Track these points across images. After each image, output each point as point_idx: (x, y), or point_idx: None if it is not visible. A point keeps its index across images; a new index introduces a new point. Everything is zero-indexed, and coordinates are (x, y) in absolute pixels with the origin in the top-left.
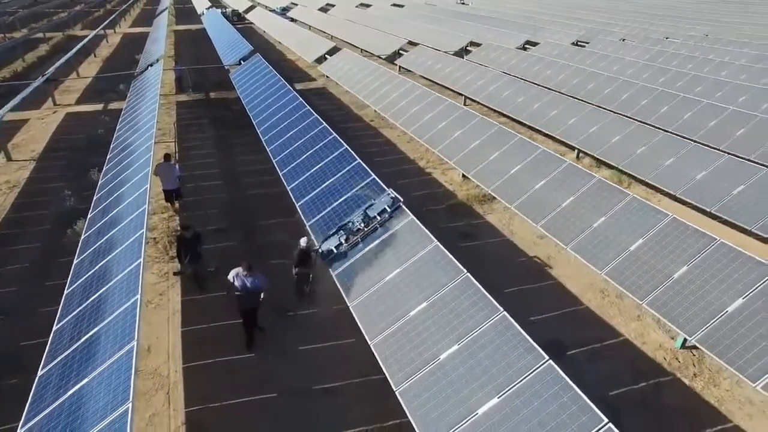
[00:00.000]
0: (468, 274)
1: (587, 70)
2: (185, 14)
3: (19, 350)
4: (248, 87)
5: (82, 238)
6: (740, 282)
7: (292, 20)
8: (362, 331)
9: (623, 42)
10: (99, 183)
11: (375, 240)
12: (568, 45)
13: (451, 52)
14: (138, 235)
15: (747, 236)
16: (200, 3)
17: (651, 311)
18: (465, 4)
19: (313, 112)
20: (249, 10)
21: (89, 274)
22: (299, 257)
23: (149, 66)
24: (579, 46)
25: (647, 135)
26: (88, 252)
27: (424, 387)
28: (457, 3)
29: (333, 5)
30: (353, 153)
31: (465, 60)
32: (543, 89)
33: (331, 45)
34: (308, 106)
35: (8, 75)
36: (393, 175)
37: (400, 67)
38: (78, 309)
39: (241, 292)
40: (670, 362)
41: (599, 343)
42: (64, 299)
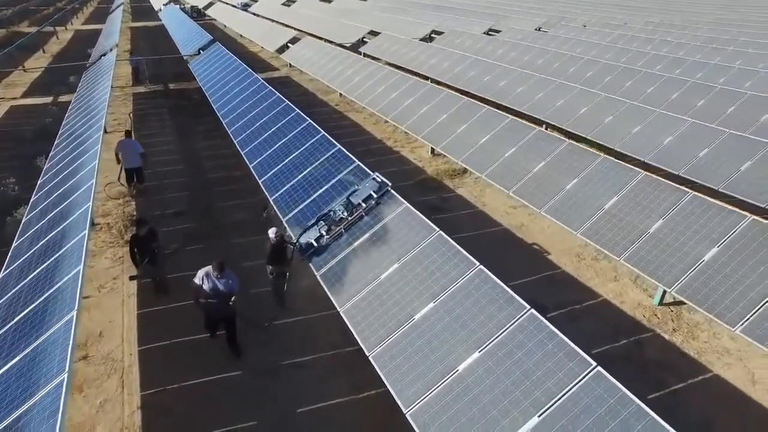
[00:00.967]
0: (441, 232)
1: (551, 50)
2: (142, 12)
3: None
4: (208, 74)
5: (23, 221)
6: (714, 231)
7: (255, 15)
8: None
9: (585, 28)
10: (44, 168)
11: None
12: (532, 31)
13: (415, 41)
14: (84, 209)
15: (714, 198)
16: (157, 0)
17: (628, 266)
18: None
19: (275, 92)
20: (209, 6)
21: (29, 254)
22: (272, 253)
23: (102, 56)
24: (542, 33)
25: (614, 105)
26: (29, 233)
27: (399, 349)
28: None
29: (295, 1)
30: (317, 126)
31: (429, 45)
32: (508, 68)
33: (293, 33)
34: (270, 87)
35: None
36: (360, 155)
37: (365, 54)
38: (14, 289)
39: (213, 298)
40: (650, 319)
41: (579, 305)
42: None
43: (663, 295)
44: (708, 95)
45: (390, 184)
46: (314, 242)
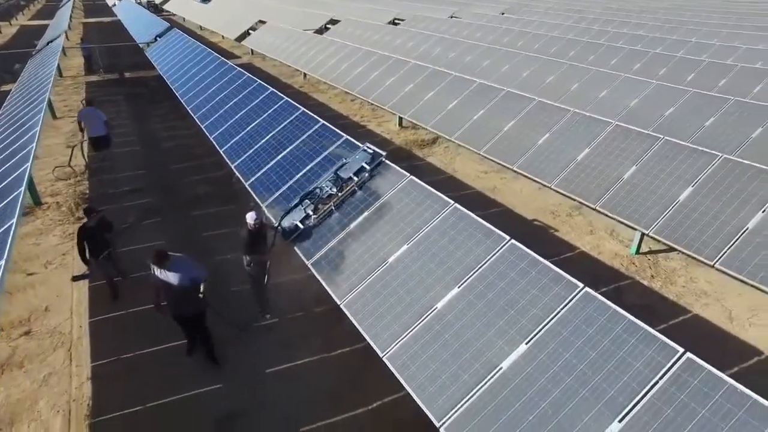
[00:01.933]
0: (412, 177)
1: (515, 30)
2: (95, 9)
3: None
4: (166, 58)
5: None
6: (687, 172)
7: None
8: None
9: (546, 12)
10: None
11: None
12: (495, 15)
13: (379, 24)
14: (22, 170)
15: None
16: None
17: (604, 213)
18: None
19: (236, 66)
20: (166, 1)
21: None
22: (249, 241)
23: (49, 43)
24: (506, 17)
25: (579, 73)
26: None
27: (373, 293)
28: None
29: None
30: (280, 94)
31: (393, 27)
32: (474, 44)
33: (255, 20)
34: (230, 63)
35: None
36: None
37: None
38: None
39: (169, 295)
40: (628, 267)
41: (557, 257)
42: None
43: (640, 244)
44: (668, 64)
45: (384, 154)
46: (299, 224)
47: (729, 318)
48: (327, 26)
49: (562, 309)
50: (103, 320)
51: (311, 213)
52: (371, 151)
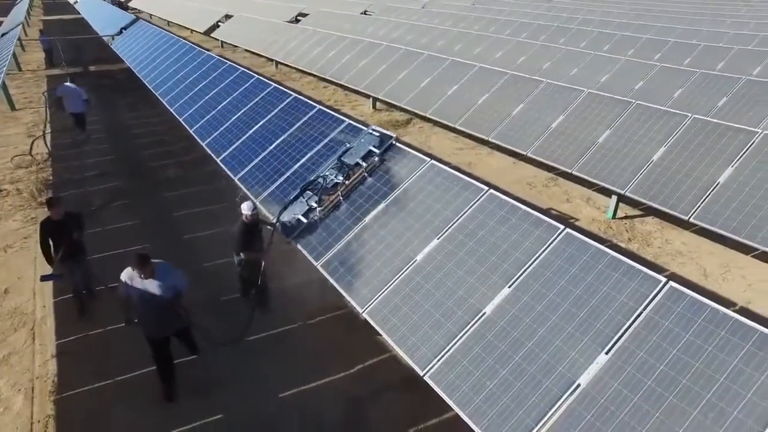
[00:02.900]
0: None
1: (487, 17)
2: (56, 7)
3: None
4: (132, 48)
5: None
6: (660, 133)
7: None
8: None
9: (516, 2)
10: None
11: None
12: (466, 5)
13: (351, 14)
14: None
15: None
16: None
17: (581, 176)
18: None
19: (205, 51)
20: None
21: None
22: (243, 236)
23: (4, 35)
24: (476, 6)
25: (550, 52)
26: None
27: (350, 252)
28: None
29: None
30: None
31: (365, 16)
32: (446, 29)
33: (224, 13)
34: (200, 48)
35: None
36: None
37: None
38: None
39: (147, 309)
40: (605, 231)
41: None
42: None
43: (616, 209)
44: (636, 45)
45: (394, 136)
46: (302, 218)
47: (704, 275)
48: (297, 18)
49: (545, 251)
50: (70, 299)
51: (315, 205)
52: (378, 134)
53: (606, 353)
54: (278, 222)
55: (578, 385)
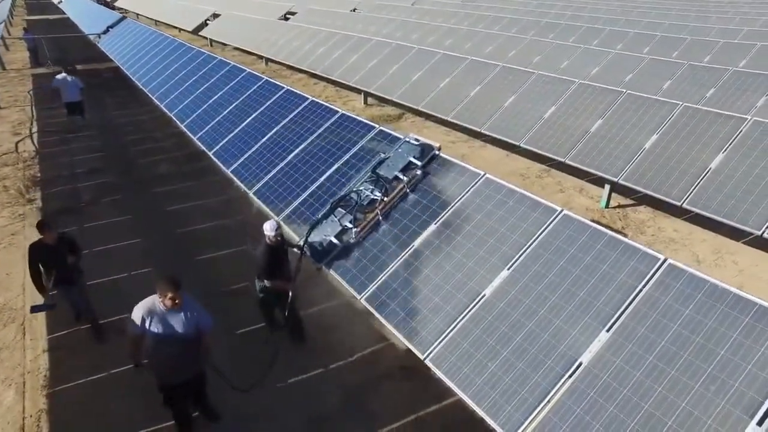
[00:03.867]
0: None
1: (476, 14)
2: (39, 7)
3: None
4: (120, 46)
5: None
6: (652, 121)
7: None
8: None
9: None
10: None
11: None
12: (456, 2)
13: (342, 12)
14: None
15: None
16: None
17: (574, 165)
18: None
19: (195, 46)
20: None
21: None
22: (269, 260)
23: None
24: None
25: (540, 46)
26: None
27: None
28: None
29: None
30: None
31: (355, 14)
32: (436, 26)
33: (212, 11)
34: (189, 44)
35: None
36: None
37: None
38: None
39: (167, 348)
40: (599, 220)
41: None
42: None
43: (609, 198)
44: (624, 39)
45: (438, 146)
46: (335, 240)
47: (697, 261)
48: (286, 16)
49: (542, 233)
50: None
51: (350, 225)
52: (418, 143)
53: (607, 331)
54: (306, 244)
55: (580, 363)
